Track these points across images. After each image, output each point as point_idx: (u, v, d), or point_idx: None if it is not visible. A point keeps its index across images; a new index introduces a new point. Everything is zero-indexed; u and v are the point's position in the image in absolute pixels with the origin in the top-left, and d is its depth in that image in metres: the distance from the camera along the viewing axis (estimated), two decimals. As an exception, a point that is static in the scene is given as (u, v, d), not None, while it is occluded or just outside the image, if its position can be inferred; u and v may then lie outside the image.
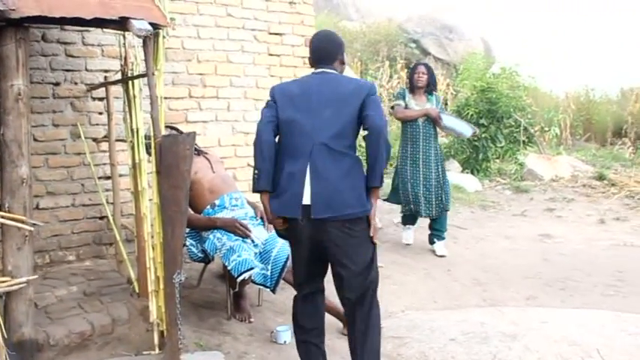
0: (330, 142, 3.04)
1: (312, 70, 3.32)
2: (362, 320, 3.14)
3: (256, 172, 3.10)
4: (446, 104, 6.33)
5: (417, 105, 6.04)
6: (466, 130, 6.44)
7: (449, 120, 6.25)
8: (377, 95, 3.20)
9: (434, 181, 5.94)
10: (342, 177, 3.02)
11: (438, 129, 6.13)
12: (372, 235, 3.06)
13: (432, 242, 6.15)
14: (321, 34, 3.45)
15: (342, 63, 3.36)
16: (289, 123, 3.12)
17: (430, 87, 6.12)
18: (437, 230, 6.11)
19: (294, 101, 3.16)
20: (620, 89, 16.65)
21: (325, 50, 3.30)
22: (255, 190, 3.18)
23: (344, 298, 3.18)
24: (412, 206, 6.03)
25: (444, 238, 6.13)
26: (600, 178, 10.14)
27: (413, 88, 6.12)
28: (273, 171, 3.10)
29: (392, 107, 6.37)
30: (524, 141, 11.24)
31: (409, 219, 6.27)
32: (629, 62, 19.50)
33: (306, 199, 3.00)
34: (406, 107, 6.07)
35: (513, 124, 11.04)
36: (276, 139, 3.16)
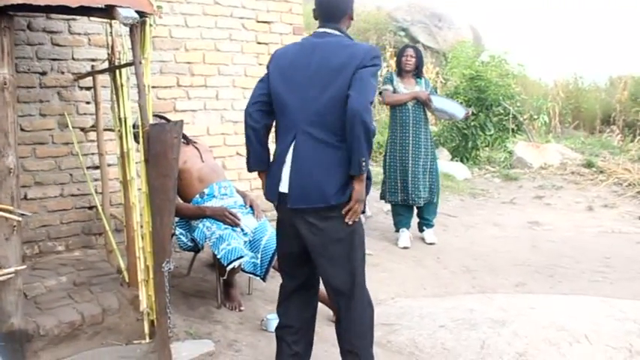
0: (314, 129, 2.84)
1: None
2: (347, 308, 3.00)
3: (247, 153, 3.04)
4: (435, 91, 6.09)
5: (406, 89, 5.91)
6: (458, 111, 6.28)
7: (440, 101, 6.10)
8: (373, 66, 2.85)
9: (422, 168, 5.83)
10: (324, 170, 2.83)
11: (428, 114, 6.04)
12: (347, 219, 2.84)
13: (421, 230, 6.12)
14: None
15: (351, 18, 3.07)
16: (277, 99, 2.94)
17: (418, 70, 6.01)
18: (426, 218, 6.07)
19: (284, 74, 2.95)
20: (608, 77, 16.73)
21: (331, 4, 3.01)
22: (248, 170, 3.11)
23: (327, 286, 3.05)
24: (400, 194, 5.90)
25: (432, 226, 6.11)
26: (589, 165, 10.20)
27: (401, 71, 6.01)
28: (264, 149, 3.02)
29: (380, 93, 6.15)
30: (513, 129, 11.29)
31: (402, 222, 6.01)
32: (617, 50, 19.58)
33: (284, 187, 2.88)
34: (394, 92, 5.94)
35: (502, 112, 11.08)
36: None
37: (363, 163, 2.76)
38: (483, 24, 18.46)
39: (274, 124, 3.04)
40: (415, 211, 6.08)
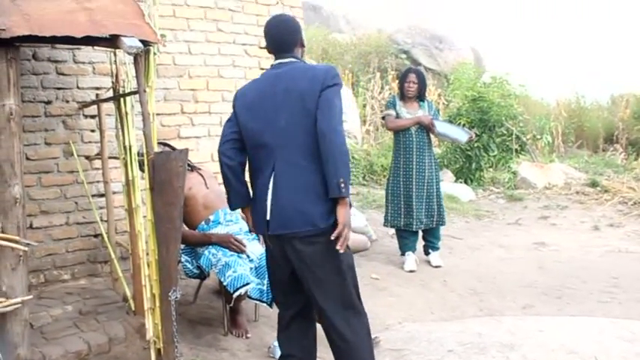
0: (291, 155, 2.87)
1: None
2: (338, 335, 2.94)
3: (227, 192, 3.08)
4: (438, 112, 6.24)
5: (409, 113, 5.84)
6: (461, 135, 6.20)
7: (443, 126, 6.02)
8: (334, 85, 2.87)
9: (426, 192, 5.78)
10: (304, 194, 2.83)
11: (432, 137, 5.97)
12: (338, 246, 2.78)
13: (426, 253, 6.06)
14: (274, 21, 3.18)
15: (303, 45, 3.16)
16: (249, 134, 3.00)
17: (421, 94, 5.94)
18: (431, 241, 6.02)
19: (251, 109, 3.01)
20: (610, 96, 16.77)
21: (282, 38, 3.08)
22: (231, 209, 3.20)
23: (319, 312, 3.00)
24: (403, 219, 5.81)
25: (438, 249, 6.06)
26: (593, 184, 10.17)
27: (403, 95, 5.94)
28: (243, 186, 3.08)
29: (383, 118, 6.18)
30: (516, 149, 11.29)
31: (408, 245, 5.93)
32: (618, 68, 19.64)
33: (268, 215, 2.90)
34: (397, 116, 5.86)
35: (505, 132, 11.09)
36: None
37: (342, 185, 2.73)
38: (484, 45, 18.53)
39: (248, 161, 3.09)
40: (420, 234, 6.02)
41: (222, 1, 5.25)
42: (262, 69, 5.48)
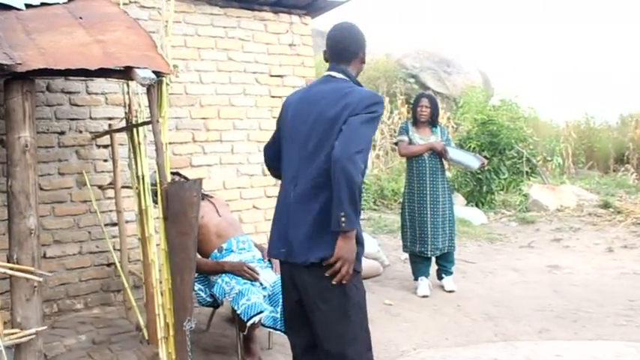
0: (308, 182, 2.73)
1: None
2: None
3: None
4: (450, 139, 6.12)
5: (422, 139, 5.79)
6: (473, 162, 6.09)
7: (455, 153, 5.93)
8: (368, 114, 2.66)
9: (440, 218, 5.72)
10: (312, 221, 2.70)
11: (444, 162, 5.91)
12: (334, 281, 2.62)
13: (440, 277, 5.99)
14: (338, 26, 2.95)
15: (362, 62, 2.96)
16: (282, 151, 2.92)
17: (434, 119, 5.89)
18: (444, 266, 5.95)
19: (286, 123, 2.90)
20: (619, 116, 16.76)
21: (341, 46, 2.89)
22: None
23: (321, 351, 2.80)
24: (418, 245, 5.76)
25: (451, 273, 5.98)
26: (605, 206, 10.13)
27: (416, 121, 5.87)
28: None
29: (395, 143, 6.16)
30: (527, 172, 11.27)
31: (421, 270, 5.86)
32: (626, 89, 19.64)
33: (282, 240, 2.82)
34: (410, 142, 5.80)
35: (515, 155, 11.09)
36: None
37: (343, 219, 2.55)
38: (492, 68, 18.60)
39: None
40: (433, 258, 5.95)
41: (233, 31, 5.31)
42: (273, 96, 5.54)
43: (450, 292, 5.85)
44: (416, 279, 5.90)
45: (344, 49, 2.88)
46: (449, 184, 6.05)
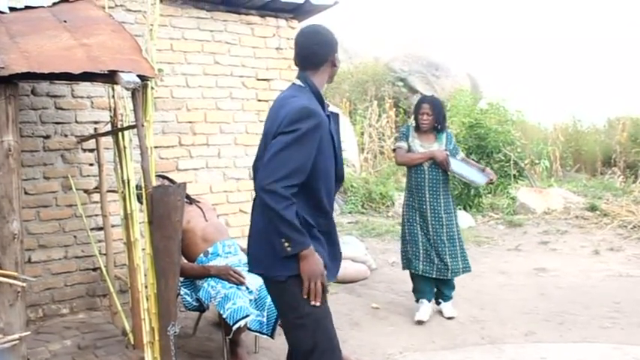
0: (257, 202, 2.69)
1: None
2: None
3: None
4: (457, 147, 5.45)
5: (422, 146, 5.13)
6: (478, 177, 5.25)
7: (459, 165, 5.18)
8: (291, 132, 2.53)
9: (445, 236, 5.08)
10: (258, 238, 2.71)
11: (449, 174, 5.18)
12: (312, 302, 2.60)
13: (437, 302, 5.35)
14: (304, 31, 2.83)
15: (334, 65, 2.81)
16: None
17: (438, 125, 5.19)
18: (444, 292, 5.30)
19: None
20: (607, 119, 16.85)
21: (304, 52, 2.78)
22: None
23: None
24: (421, 265, 5.10)
25: (451, 298, 5.33)
26: (592, 208, 10.18)
27: (419, 127, 5.19)
28: None
29: (394, 150, 5.47)
30: (514, 175, 11.32)
31: (423, 292, 5.24)
32: (613, 92, 19.78)
33: None
34: (409, 149, 5.17)
35: (503, 158, 11.14)
36: None
37: (286, 244, 2.51)
38: (480, 71, 18.65)
39: None
40: None
41: (219, 34, 5.31)
42: (260, 100, 5.53)
43: (450, 318, 5.24)
44: (417, 300, 5.30)
45: (310, 54, 2.77)
46: (453, 199, 5.34)
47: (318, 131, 2.59)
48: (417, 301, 5.28)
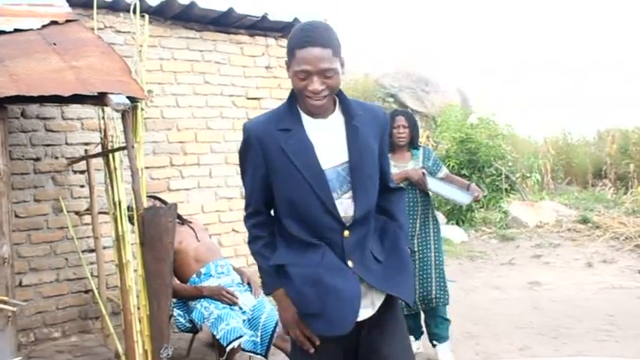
0: None
1: None
2: None
3: None
4: (439, 163, 4.84)
5: (396, 166, 4.50)
6: (461, 197, 4.63)
7: (437, 184, 4.56)
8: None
9: (418, 264, 4.51)
10: None
11: (431, 194, 4.66)
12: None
13: (432, 344, 4.62)
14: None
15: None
16: None
17: (413, 140, 4.66)
18: (435, 332, 4.59)
19: None
20: (596, 131, 16.96)
21: None
22: None
23: None
24: None
25: (447, 338, 4.59)
26: (584, 221, 10.20)
27: (393, 145, 4.50)
28: None
29: None
30: (506, 189, 11.34)
31: (410, 330, 4.49)
32: (602, 104, 19.92)
33: None
34: None
35: (495, 172, 11.16)
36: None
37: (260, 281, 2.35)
38: (469, 86, 18.76)
39: None
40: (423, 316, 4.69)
41: (209, 54, 5.32)
42: (250, 119, 5.52)
43: None
44: None
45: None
46: (436, 223, 4.72)
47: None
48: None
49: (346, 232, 2.24)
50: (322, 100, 2.19)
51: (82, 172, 4.65)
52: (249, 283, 4.19)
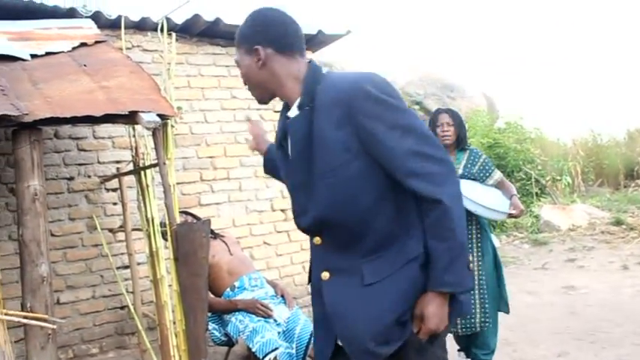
0: None
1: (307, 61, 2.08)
2: None
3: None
4: (487, 166, 4.32)
5: None
6: (491, 214, 4.16)
7: (471, 191, 3.93)
8: None
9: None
10: None
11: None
12: None
13: (467, 357, 4.40)
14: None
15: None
16: None
17: (460, 142, 4.28)
18: (472, 349, 4.31)
19: None
20: (626, 131, 16.70)
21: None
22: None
23: None
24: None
25: None
26: (618, 223, 10.06)
27: None
28: None
29: None
30: (536, 193, 11.25)
31: (460, 344, 4.43)
32: (631, 103, 19.64)
33: None
34: None
35: (524, 176, 11.08)
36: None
37: None
38: (495, 90, 18.65)
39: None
40: None
41: (235, 69, 5.29)
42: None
43: None
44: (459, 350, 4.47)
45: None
46: (481, 234, 4.23)
47: None
48: (460, 349, 4.46)
49: (317, 239, 2.05)
50: (252, 92, 2.14)
51: (114, 189, 4.71)
52: (282, 295, 4.20)
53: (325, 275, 2.01)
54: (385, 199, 1.92)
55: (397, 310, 1.91)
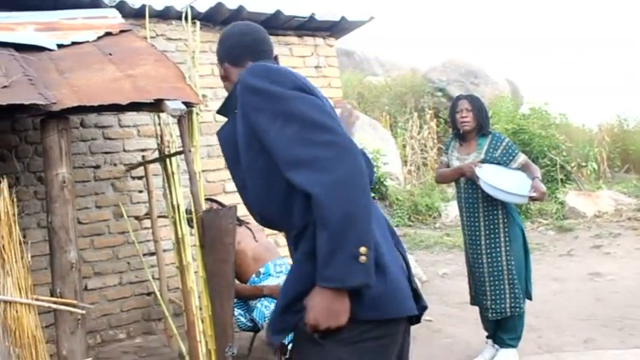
0: None
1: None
2: None
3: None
4: (511, 150, 4.23)
5: (458, 159, 4.26)
6: (512, 197, 4.06)
7: (488, 181, 3.97)
8: None
9: (486, 271, 4.19)
10: None
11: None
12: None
13: (494, 344, 4.43)
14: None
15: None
16: None
17: (481, 126, 4.23)
18: (500, 337, 4.35)
19: None
20: (652, 116, 16.45)
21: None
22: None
23: None
24: (477, 299, 4.36)
25: (511, 346, 4.31)
26: (645, 209, 9.94)
27: (459, 134, 4.29)
28: None
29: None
30: (562, 179, 11.14)
31: (486, 328, 4.51)
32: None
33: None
34: (448, 165, 4.36)
35: (549, 163, 10.97)
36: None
37: None
38: (519, 76, 18.46)
39: None
40: None
41: (259, 56, 5.36)
42: (301, 119, 5.56)
43: None
44: (487, 337, 4.53)
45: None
46: (504, 221, 4.18)
47: None
48: (488, 336, 4.51)
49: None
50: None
51: (140, 177, 4.76)
52: (307, 282, 4.22)
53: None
54: (295, 191, 1.81)
55: (289, 296, 1.88)
